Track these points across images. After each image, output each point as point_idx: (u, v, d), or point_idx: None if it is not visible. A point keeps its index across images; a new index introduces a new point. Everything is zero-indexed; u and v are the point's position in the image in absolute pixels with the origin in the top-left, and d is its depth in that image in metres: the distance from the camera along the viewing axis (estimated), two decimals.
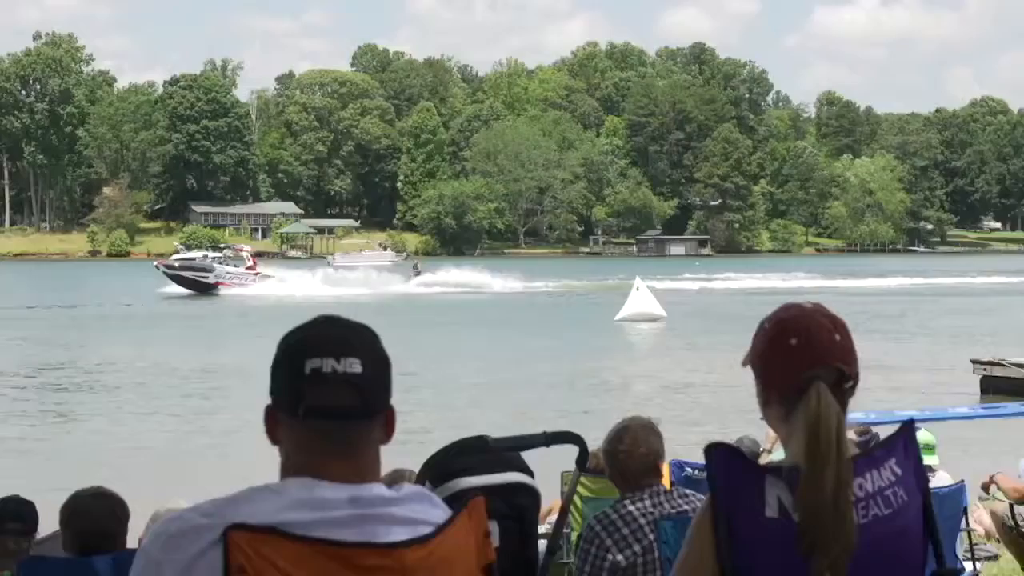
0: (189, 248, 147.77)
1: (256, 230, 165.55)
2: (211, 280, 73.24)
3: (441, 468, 4.06)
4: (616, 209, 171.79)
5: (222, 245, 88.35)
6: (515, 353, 36.83)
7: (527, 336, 42.79)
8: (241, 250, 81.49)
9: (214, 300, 67.19)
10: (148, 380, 31.10)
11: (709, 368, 31.81)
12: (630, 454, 5.24)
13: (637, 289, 49.40)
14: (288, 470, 2.33)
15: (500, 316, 53.52)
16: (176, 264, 77.95)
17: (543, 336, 42.54)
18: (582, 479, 7.85)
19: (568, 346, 39.03)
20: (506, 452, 4.21)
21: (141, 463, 19.41)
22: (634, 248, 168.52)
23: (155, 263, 79.18)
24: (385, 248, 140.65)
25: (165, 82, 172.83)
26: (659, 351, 39.07)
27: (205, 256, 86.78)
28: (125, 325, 49.10)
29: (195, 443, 22.10)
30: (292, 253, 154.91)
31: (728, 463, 2.58)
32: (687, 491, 5.30)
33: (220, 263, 77.78)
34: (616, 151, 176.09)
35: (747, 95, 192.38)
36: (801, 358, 2.64)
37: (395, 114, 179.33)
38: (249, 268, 76.37)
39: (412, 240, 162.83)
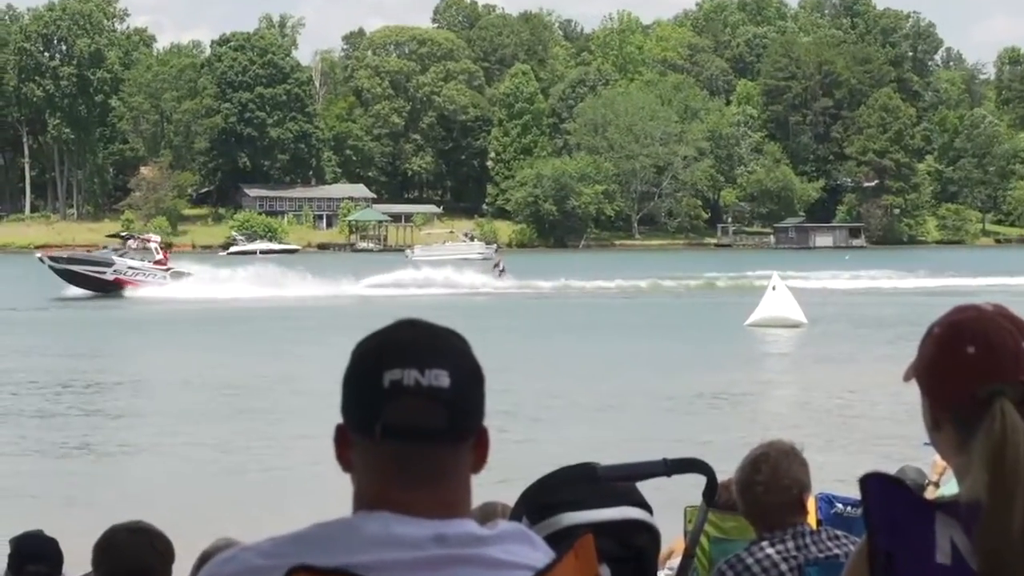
0: (250, 239, 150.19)
1: (319, 217, 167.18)
2: (109, 276, 71.74)
3: (541, 501, 4.06)
4: (749, 192, 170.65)
5: (123, 234, 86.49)
6: (620, 365, 36.76)
7: (634, 344, 42.67)
8: (148, 240, 78.76)
9: (111, 304, 66.02)
10: (190, 394, 31.55)
11: (862, 383, 31.51)
12: (769, 486, 5.21)
13: (773, 288, 49.10)
14: (362, 502, 2.33)
15: (595, 320, 53.50)
16: (65, 256, 76.38)
17: (655, 344, 42.42)
18: (710, 516, 7.80)
19: (687, 356, 38.88)
20: (619, 483, 4.21)
21: (187, 494, 19.68)
22: (771, 239, 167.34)
23: (39, 255, 77.10)
24: (472, 239, 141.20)
25: (213, 42, 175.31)
26: (800, 363, 38.78)
27: (106, 247, 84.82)
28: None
29: (250, 471, 22.34)
30: (362, 245, 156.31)
31: (888, 498, 2.52)
32: (838, 532, 5.26)
33: (121, 255, 75.55)
34: (750, 122, 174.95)
35: (910, 53, 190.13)
36: (980, 370, 2.58)
37: (485, 79, 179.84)
38: (158, 263, 74.55)
39: (504, 229, 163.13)
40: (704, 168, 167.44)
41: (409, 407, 2.29)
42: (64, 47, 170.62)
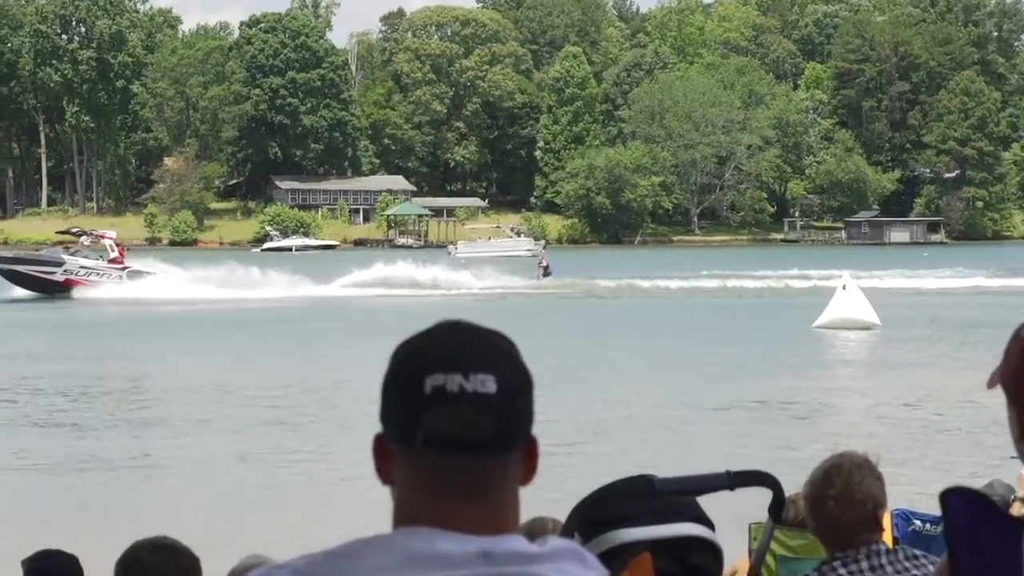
0: (284, 234, 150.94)
1: (356, 211, 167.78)
2: (59, 277, 70.85)
3: (595, 517, 4.07)
4: (819, 183, 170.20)
5: (75, 230, 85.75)
6: (677, 370, 36.74)
7: (692, 348, 42.62)
8: (103, 236, 78.21)
9: (58, 305, 65.45)
10: (217, 401, 31.72)
11: (942, 390, 31.38)
12: (842, 501, 5.20)
13: (844, 288, 49.01)
14: (402, 517, 2.33)
15: (650, 322, 53.49)
16: (10, 256, 75.84)
17: (715, 348, 42.34)
18: (777, 533, 7.80)
19: (751, 361, 38.78)
20: (678, 497, 4.21)
21: (213, 508, 19.78)
22: (842, 234, 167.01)
23: None
24: (519, 234, 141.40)
25: (242, 24, 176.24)
26: (873, 368, 38.64)
27: (57, 245, 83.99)
28: None
29: (282, 483, 22.44)
30: (401, 241, 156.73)
31: (972, 514, 2.49)
32: (916, 551, 5.24)
33: (72, 254, 74.57)
34: (819, 108, 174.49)
35: (994, 33, 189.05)
36: None
37: (533, 63, 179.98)
38: (114, 261, 73.51)
39: (554, 224, 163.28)
40: (770, 158, 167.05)
41: (453, 415, 2.28)
42: (83, 29, 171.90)
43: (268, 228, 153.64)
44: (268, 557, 6.07)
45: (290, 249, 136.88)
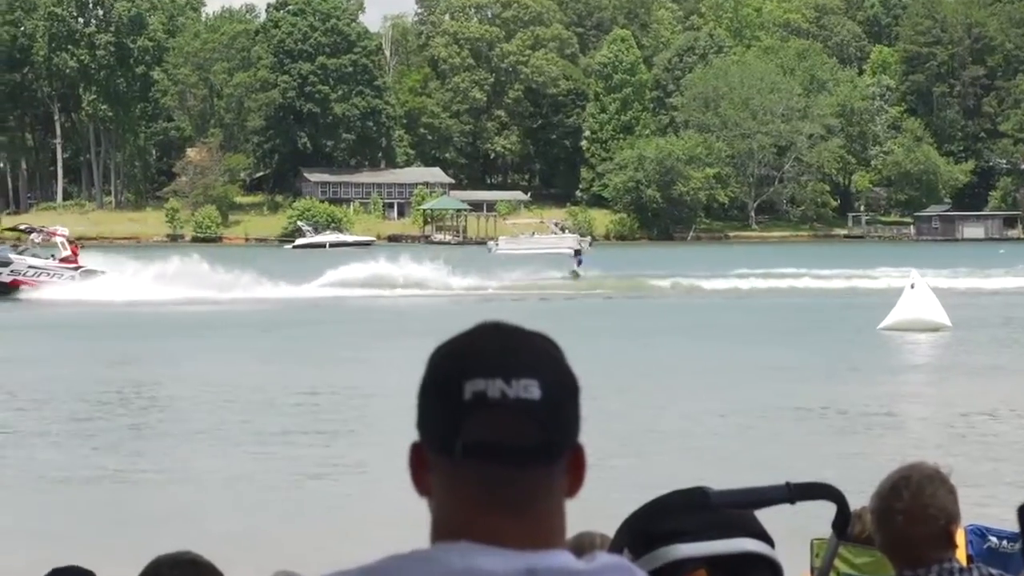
0: (317, 230, 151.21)
1: (390, 206, 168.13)
2: (5, 278, 70.60)
3: (646, 531, 4.06)
4: (886, 176, 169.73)
5: (23, 227, 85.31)
6: (734, 374, 36.68)
7: (749, 351, 42.55)
8: (54, 233, 77.71)
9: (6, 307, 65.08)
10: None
11: (1017, 398, 31.25)
12: (911, 515, 5.17)
13: (912, 287, 48.96)
14: (441, 531, 2.32)
15: (704, 322, 53.53)
16: None
17: (773, 351, 42.27)
18: (841, 549, 7.78)
19: (812, 365, 38.75)
20: (734, 510, 4.20)
21: (238, 522, 19.85)
22: (911, 230, 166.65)
23: None
24: (563, 230, 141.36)
25: (269, 6, 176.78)
26: (943, 373, 38.49)
27: (2, 243, 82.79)
28: None
29: (313, 494, 22.51)
30: (438, 237, 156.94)
31: None
32: (992, 569, 5.22)
33: (21, 253, 74.34)
34: (886, 95, 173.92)
35: None
36: None
37: (579, 47, 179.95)
38: (66, 260, 73.22)
39: (601, 219, 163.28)
40: (833, 148, 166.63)
41: (494, 422, 2.27)
42: (100, 12, 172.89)
43: (300, 223, 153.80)
44: (297, 574, 6.09)
45: (324, 246, 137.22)
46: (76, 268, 72.77)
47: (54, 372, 38.36)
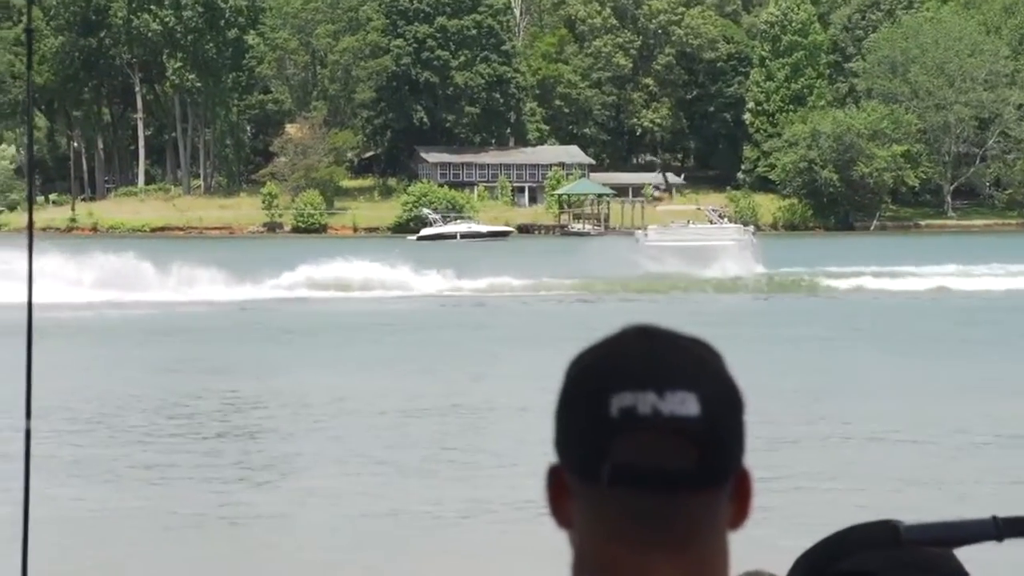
0: (445, 219, 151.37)
1: (520, 190, 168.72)
2: None
3: (826, 570, 4.01)
4: None
5: None
6: (926, 391, 36.47)
7: (943, 363, 42.37)
8: None
9: None
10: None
11: None
12: None
13: None
14: (585, 567, 2.31)
15: (891, 328, 53.48)
16: None
17: (971, 364, 42.05)
18: None
19: (1018, 381, 38.42)
20: (930, 547, 4.14)
21: (342, 554, 20.00)
22: None
23: None
24: (723, 218, 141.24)
25: None
26: None
27: None
28: None
29: (433, 523, 22.65)
30: (576, 227, 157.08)
31: None
32: None
33: None
34: None
35: None
36: None
37: (741, 3, 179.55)
38: None
39: (767, 206, 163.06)
40: None
41: (646, 443, 2.26)
42: None
43: (426, 210, 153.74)
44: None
45: (454, 236, 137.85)
46: None
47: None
